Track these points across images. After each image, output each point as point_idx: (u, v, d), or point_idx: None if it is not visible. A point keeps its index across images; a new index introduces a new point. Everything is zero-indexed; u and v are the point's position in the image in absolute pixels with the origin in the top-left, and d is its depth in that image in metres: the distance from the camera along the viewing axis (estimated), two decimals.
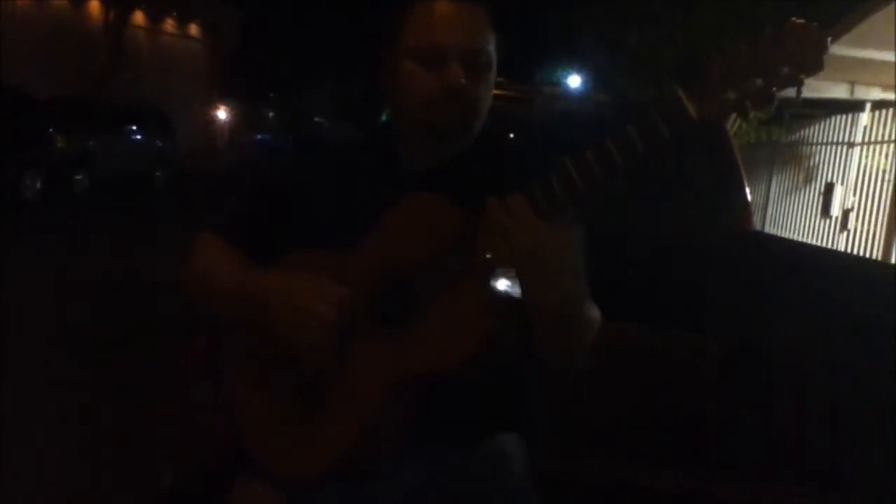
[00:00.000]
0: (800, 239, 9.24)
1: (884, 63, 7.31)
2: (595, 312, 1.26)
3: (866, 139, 8.47)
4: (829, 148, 9.34)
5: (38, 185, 11.22)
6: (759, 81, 1.04)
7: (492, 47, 1.29)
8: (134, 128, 15.23)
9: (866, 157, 8.42)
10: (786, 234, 9.83)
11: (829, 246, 8.54)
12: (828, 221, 8.97)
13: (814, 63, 1.03)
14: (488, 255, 1.13)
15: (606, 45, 12.04)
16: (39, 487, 2.86)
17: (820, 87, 7.93)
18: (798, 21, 1.03)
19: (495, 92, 1.34)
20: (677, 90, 1.07)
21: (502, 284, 1.20)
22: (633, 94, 9.47)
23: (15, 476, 2.87)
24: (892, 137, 7.83)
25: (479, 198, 1.16)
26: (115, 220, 10.53)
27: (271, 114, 38.79)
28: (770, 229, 10.34)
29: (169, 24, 24.42)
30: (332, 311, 1.20)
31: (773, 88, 1.05)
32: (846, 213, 8.56)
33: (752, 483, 1.72)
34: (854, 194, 8.52)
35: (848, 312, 2.10)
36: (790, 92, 1.06)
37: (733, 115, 1.13)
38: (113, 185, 13.15)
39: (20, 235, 8.41)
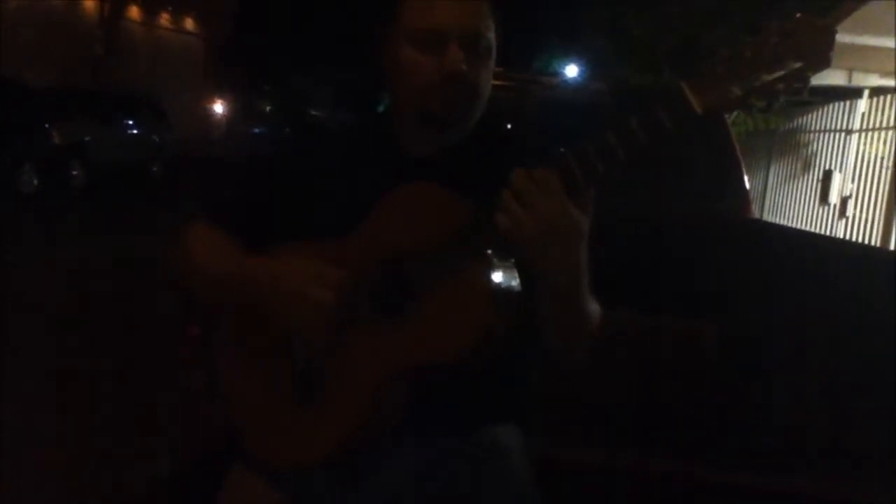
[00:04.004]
0: (798, 226, 9.25)
1: (881, 49, 7.31)
2: (595, 304, 1.25)
3: (864, 126, 8.48)
4: (827, 135, 9.35)
5: (35, 179, 11.20)
6: (764, 77, 1.03)
7: (492, 34, 1.28)
8: (130, 121, 15.22)
9: (864, 144, 8.43)
10: (784, 222, 9.85)
11: (828, 233, 8.55)
12: (826, 209, 8.99)
13: (820, 59, 1.02)
14: (504, 230, 1.11)
15: (604, 31, 12.03)
16: (36, 476, 2.86)
17: (817, 75, 7.91)
18: (805, 16, 1.02)
19: (492, 82, 1.33)
20: (681, 84, 1.05)
21: (501, 275, 1.19)
22: (631, 80, 9.44)
23: (10, 464, 2.86)
24: (891, 124, 7.83)
25: (477, 186, 1.15)
26: (111, 213, 10.53)
27: (268, 107, 38.75)
28: (769, 217, 10.36)
29: (164, 18, 24.37)
30: (326, 294, 1.18)
31: (780, 85, 1.03)
32: (844, 201, 8.58)
33: (751, 469, 1.72)
34: (852, 181, 8.54)
35: (847, 299, 2.10)
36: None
37: None
38: (108, 177, 13.13)
39: (18, 229, 8.39)
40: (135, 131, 15.30)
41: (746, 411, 2.08)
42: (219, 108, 29.62)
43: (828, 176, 8.87)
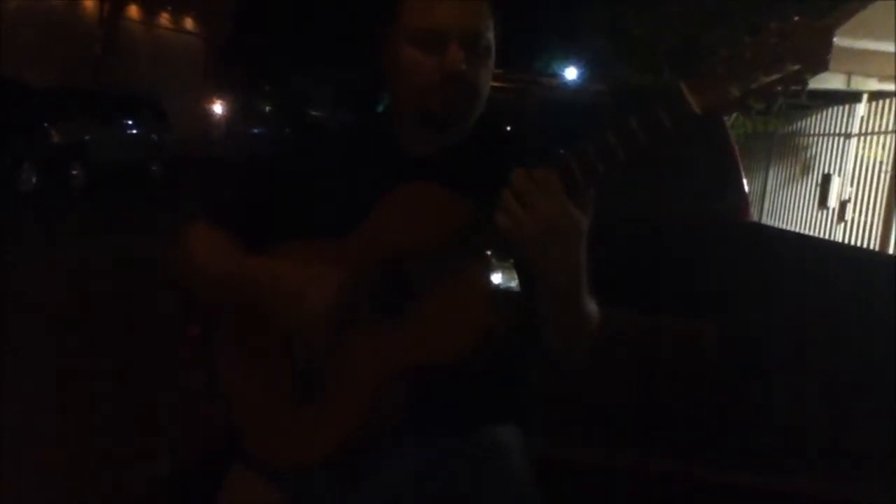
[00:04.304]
0: (797, 229, 9.25)
1: (881, 54, 7.30)
2: (594, 304, 1.26)
3: (863, 130, 8.48)
4: (826, 139, 9.35)
5: (34, 178, 11.19)
6: (762, 78, 1.04)
7: (491, 34, 1.29)
8: (129, 121, 15.20)
9: (863, 148, 8.43)
10: (783, 226, 9.84)
11: (827, 237, 8.55)
12: (825, 212, 8.98)
13: (819, 61, 1.03)
14: (504, 230, 1.11)
15: (604, 31, 12.02)
16: (36, 476, 2.86)
17: (817, 78, 7.86)
18: (804, 18, 1.02)
19: (492, 83, 1.33)
20: (680, 84, 1.06)
21: (500, 276, 1.19)
22: (631, 81, 9.45)
23: (10, 464, 2.86)
24: (889, 128, 7.83)
25: (477, 186, 1.15)
26: (110, 213, 10.53)
27: (268, 107, 38.74)
28: (767, 220, 10.34)
29: (164, 17, 24.36)
30: (326, 295, 1.19)
31: (778, 87, 1.04)
32: (843, 204, 8.58)
33: (751, 468, 1.73)
34: (851, 185, 8.54)
35: (846, 303, 2.10)
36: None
37: None
38: (108, 177, 13.12)
39: (17, 228, 8.39)
40: (134, 131, 15.29)
41: (746, 411, 2.08)
42: (219, 108, 29.59)
43: (826, 179, 8.87)
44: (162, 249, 1.69)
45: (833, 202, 8.73)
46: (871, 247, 7.57)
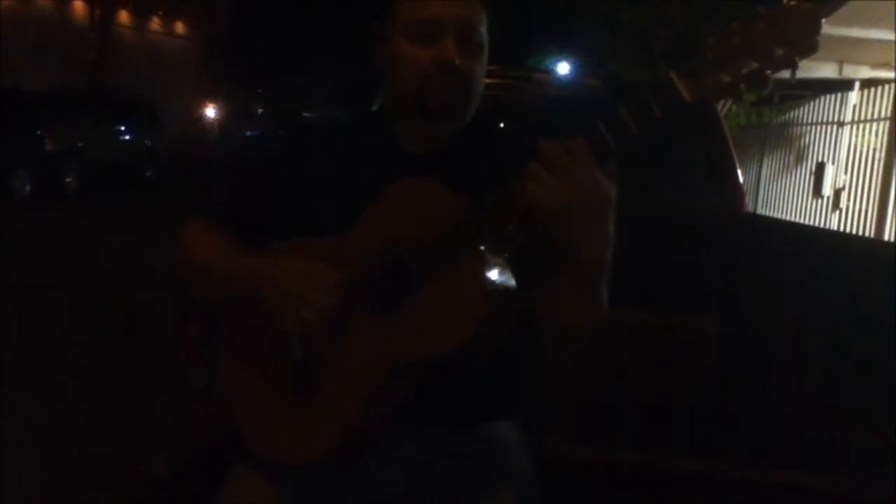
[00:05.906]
0: (792, 219, 9.26)
1: (872, 41, 7.32)
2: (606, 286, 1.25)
3: (856, 118, 8.50)
4: (819, 128, 9.37)
5: (27, 185, 11.15)
6: (752, 63, 1.04)
7: (485, 29, 1.30)
8: (123, 126, 15.16)
9: (856, 136, 8.45)
10: (778, 215, 9.86)
11: (822, 225, 8.57)
12: (820, 201, 9.00)
13: (808, 44, 1.03)
14: (534, 199, 1.10)
15: (599, 27, 12.00)
16: (36, 476, 2.86)
17: (808, 67, 7.92)
18: (792, 2, 1.03)
19: (487, 80, 1.34)
20: (670, 72, 1.06)
21: (499, 270, 1.19)
22: (626, 76, 9.45)
23: (11, 464, 2.86)
24: (882, 115, 7.84)
25: (474, 181, 1.16)
26: (106, 219, 10.48)
27: (262, 109, 38.63)
28: (762, 210, 10.36)
29: (156, 21, 24.30)
30: (324, 298, 1.19)
31: (768, 71, 1.04)
32: (838, 193, 8.59)
33: (751, 464, 1.72)
34: (845, 173, 8.56)
35: (845, 291, 2.10)
36: (783, 73, 1.05)
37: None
38: (102, 182, 13.08)
39: (11, 235, 8.36)
40: (128, 136, 15.24)
41: (747, 409, 2.07)
42: (213, 111, 29.49)
43: (820, 168, 8.89)
44: (160, 251, 1.68)
45: (827, 191, 8.75)
46: (866, 234, 7.59)
